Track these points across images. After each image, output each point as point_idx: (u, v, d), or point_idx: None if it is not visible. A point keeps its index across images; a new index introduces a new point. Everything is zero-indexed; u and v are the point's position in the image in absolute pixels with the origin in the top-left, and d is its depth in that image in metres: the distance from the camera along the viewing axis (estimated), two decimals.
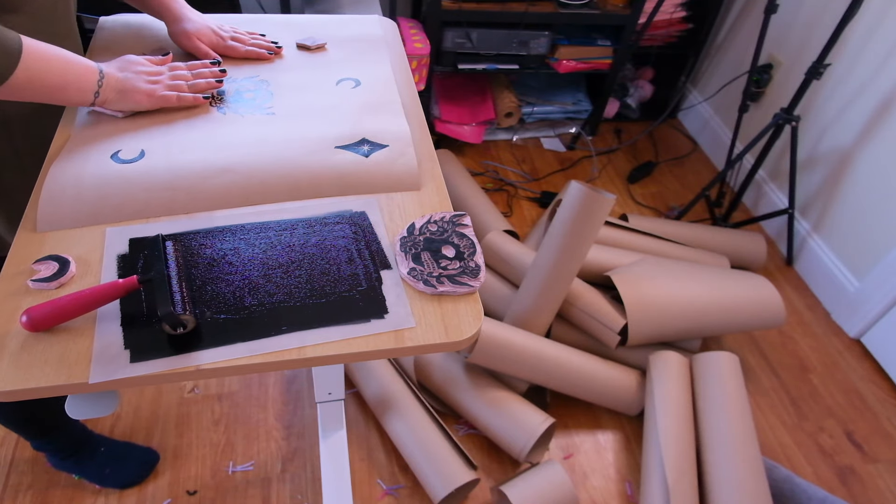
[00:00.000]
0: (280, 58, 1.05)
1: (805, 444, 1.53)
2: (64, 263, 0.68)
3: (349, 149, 0.86)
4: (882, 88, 1.66)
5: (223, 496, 1.32)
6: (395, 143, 0.88)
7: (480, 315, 0.68)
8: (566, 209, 1.37)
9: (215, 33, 1.00)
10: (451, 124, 2.23)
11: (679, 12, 2.20)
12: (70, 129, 0.86)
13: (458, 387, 1.43)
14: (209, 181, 0.79)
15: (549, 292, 1.43)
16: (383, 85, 1.00)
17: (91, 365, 0.60)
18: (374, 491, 1.35)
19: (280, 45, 1.05)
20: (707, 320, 1.50)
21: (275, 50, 1.04)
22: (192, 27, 0.98)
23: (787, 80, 2.02)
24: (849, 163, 1.79)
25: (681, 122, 2.60)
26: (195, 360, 0.62)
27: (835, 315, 1.85)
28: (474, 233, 0.76)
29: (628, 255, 1.65)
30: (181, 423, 1.43)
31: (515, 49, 2.10)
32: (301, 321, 0.66)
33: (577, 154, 2.38)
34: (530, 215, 2.08)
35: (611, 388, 1.45)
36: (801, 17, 1.94)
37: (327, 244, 0.74)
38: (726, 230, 1.91)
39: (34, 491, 1.30)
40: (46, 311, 0.61)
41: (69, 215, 0.73)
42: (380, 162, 0.84)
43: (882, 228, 1.69)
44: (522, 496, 1.26)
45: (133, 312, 0.65)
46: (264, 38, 1.06)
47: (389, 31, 1.16)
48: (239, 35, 1.03)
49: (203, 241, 0.73)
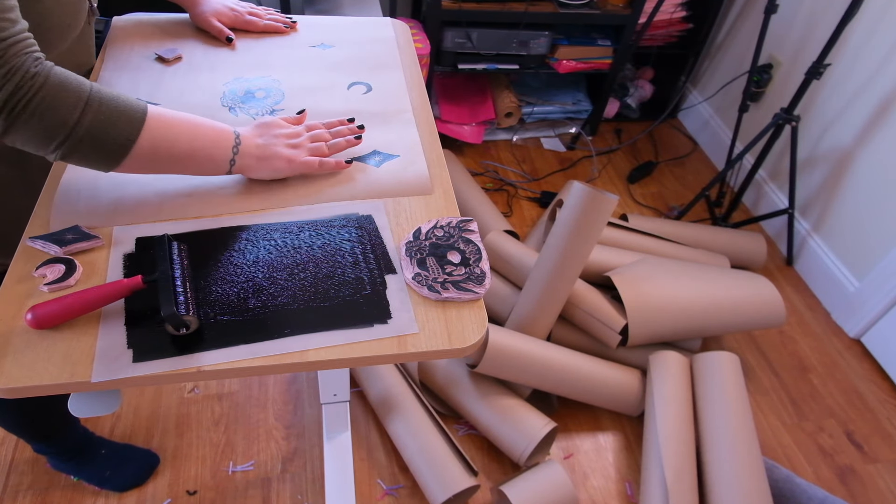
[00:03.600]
0: (295, 31, 1.12)
1: (805, 444, 1.53)
2: (69, 264, 0.68)
3: (361, 160, 0.86)
4: (882, 88, 1.66)
5: (223, 496, 1.32)
6: (405, 153, 0.88)
7: (485, 322, 0.68)
8: (568, 210, 1.36)
9: (232, 10, 1.08)
10: (451, 124, 2.23)
11: (679, 12, 2.20)
12: None
13: (461, 389, 1.43)
14: (223, 184, 0.79)
15: (552, 294, 1.43)
16: (395, 92, 1.00)
17: (94, 364, 0.60)
18: (374, 491, 1.35)
19: (294, 21, 1.13)
20: (707, 320, 1.50)
21: (290, 24, 1.12)
22: (209, 9, 1.06)
23: (787, 80, 2.02)
24: (849, 163, 1.79)
25: (681, 122, 2.60)
26: (197, 362, 0.62)
27: (835, 315, 1.85)
28: (481, 238, 0.76)
29: (628, 255, 1.65)
30: (181, 424, 1.43)
31: (515, 49, 2.10)
32: (304, 324, 0.66)
33: (577, 154, 2.38)
34: (530, 215, 2.08)
35: (614, 392, 1.45)
36: (801, 17, 1.94)
37: (332, 247, 0.74)
38: (726, 230, 1.91)
39: (34, 491, 1.29)
40: (51, 309, 0.61)
41: (84, 217, 0.74)
42: (391, 171, 0.85)
43: (882, 228, 1.69)
44: (522, 496, 1.26)
45: (137, 312, 0.65)
46: (279, 14, 1.13)
47: (401, 34, 1.16)
48: (256, 11, 1.10)
49: (208, 242, 0.73)
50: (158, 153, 0.69)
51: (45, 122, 0.61)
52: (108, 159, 0.67)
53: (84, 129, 0.63)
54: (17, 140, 0.63)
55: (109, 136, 0.65)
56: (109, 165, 0.67)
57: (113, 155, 0.66)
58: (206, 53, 1.03)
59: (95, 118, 0.63)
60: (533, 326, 1.46)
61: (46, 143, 0.63)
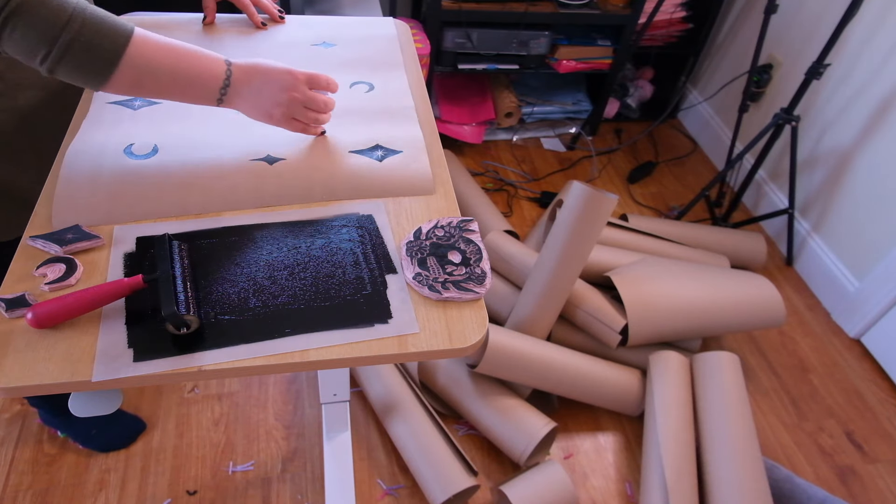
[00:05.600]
0: (282, 23, 1.13)
1: (805, 444, 1.53)
2: (69, 263, 0.68)
3: (363, 153, 0.86)
4: (882, 88, 1.66)
5: (223, 496, 1.32)
6: (408, 149, 0.88)
7: (485, 322, 0.68)
8: (568, 210, 1.37)
9: None
10: (451, 124, 2.23)
11: (679, 12, 2.20)
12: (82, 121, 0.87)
13: (462, 389, 1.42)
14: (223, 181, 0.79)
15: (553, 294, 1.43)
16: (397, 91, 1.00)
17: (94, 363, 0.60)
18: (374, 491, 1.35)
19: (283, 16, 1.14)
20: (707, 320, 1.50)
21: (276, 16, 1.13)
22: None
23: (787, 80, 2.02)
24: (849, 163, 1.79)
25: (681, 122, 2.60)
26: (198, 361, 0.62)
27: (835, 315, 1.85)
28: (481, 238, 0.76)
29: (628, 255, 1.65)
30: (181, 423, 1.43)
31: (515, 49, 2.10)
32: (304, 324, 0.66)
33: (577, 154, 2.38)
34: (530, 215, 2.08)
35: (614, 392, 1.45)
36: (801, 17, 1.94)
37: (333, 247, 0.74)
38: (726, 230, 1.91)
39: (34, 491, 1.29)
40: (52, 308, 0.61)
41: (84, 215, 0.74)
42: (393, 167, 0.85)
43: (882, 228, 1.69)
44: (522, 496, 1.26)
45: (138, 311, 0.65)
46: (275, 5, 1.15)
47: (402, 34, 1.16)
48: None
49: (209, 242, 0.73)
50: (145, 74, 0.70)
51: (27, 35, 0.63)
52: (95, 75, 0.68)
53: (66, 44, 0.64)
54: (9, 50, 0.65)
55: (94, 54, 0.66)
56: (97, 82, 0.69)
57: (99, 70, 0.68)
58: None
59: (79, 34, 0.65)
60: (533, 326, 1.46)
61: (34, 55, 0.65)
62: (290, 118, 0.81)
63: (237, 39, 1.07)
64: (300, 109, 0.81)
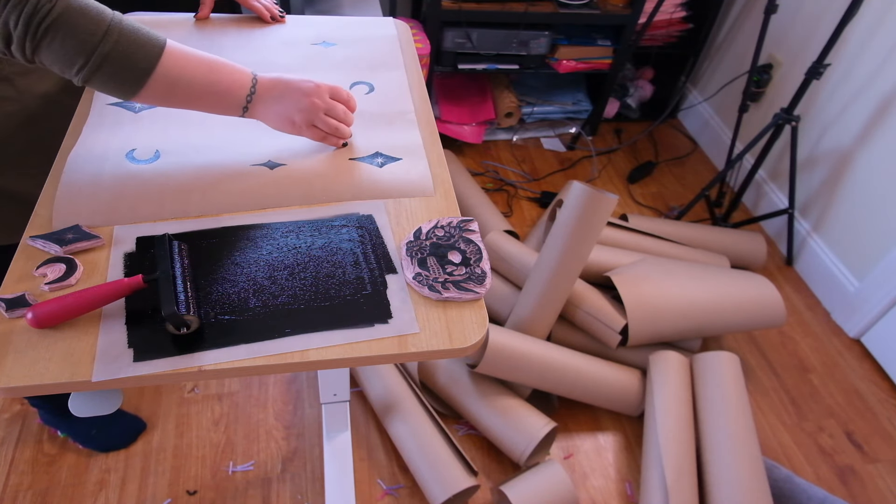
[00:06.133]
0: (283, 22, 1.14)
1: (805, 444, 1.53)
2: (69, 263, 0.68)
3: (363, 160, 0.86)
4: (882, 88, 1.66)
5: (223, 496, 1.31)
6: (407, 156, 0.88)
7: (485, 322, 0.68)
8: (568, 210, 1.36)
9: None
10: (451, 124, 2.23)
11: (679, 12, 2.20)
12: (83, 123, 0.86)
13: (461, 389, 1.42)
14: (224, 185, 0.79)
15: (553, 294, 1.43)
16: (397, 93, 1.00)
17: (94, 363, 0.60)
18: (374, 491, 1.35)
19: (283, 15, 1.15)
20: (707, 320, 1.50)
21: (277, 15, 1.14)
22: None
23: (787, 80, 2.02)
24: (849, 163, 1.79)
25: (681, 122, 2.60)
26: (198, 361, 0.62)
27: (835, 315, 1.85)
28: (481, 238, 0.76)
29: (628, 255, 1.65)
30: (181, 423, 1.43)
31: (515, 49, 2.10)
32: (305, 324, 0.66)
33: (577, 154, 2.38)
34: (530, 215, 2.08)
35: (614, 392, 1.45)
36: (801, 17, 1.94)
37: (333, 247, 0.74)
38: (726, 230, 1.91)
39: (34, 491, 1.29)
40: (52, 308, 0.61)
41: (86, 216, 0.74)
42: (393, 172, 0.85)
43: (882, 228, 1.69)
44: (522, 496, 1.26)
45: (138, 311, 0.65)
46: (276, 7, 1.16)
47: (402, 34, 1.16)
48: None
49: (209, 242, 0.73)
50: (176, 85, 0.72)
51: (66, 46, 0.64)
52: (127, 87, 0.69)
53: (103, 56, 0.65)
54: (45, 61, 0.66)
55: (128, 64, 0.67)
56: (128, 93, 0.70)
57: (131, 82, 0.69)
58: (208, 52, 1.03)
59: (116, 45, 0.66)
60: (533, 326, 1.46)
61: (69, 66, 0.66)
62: (311, 124, 0.82)
63: (237, 39, 1.07)
64: (321, 116, 0.82)
